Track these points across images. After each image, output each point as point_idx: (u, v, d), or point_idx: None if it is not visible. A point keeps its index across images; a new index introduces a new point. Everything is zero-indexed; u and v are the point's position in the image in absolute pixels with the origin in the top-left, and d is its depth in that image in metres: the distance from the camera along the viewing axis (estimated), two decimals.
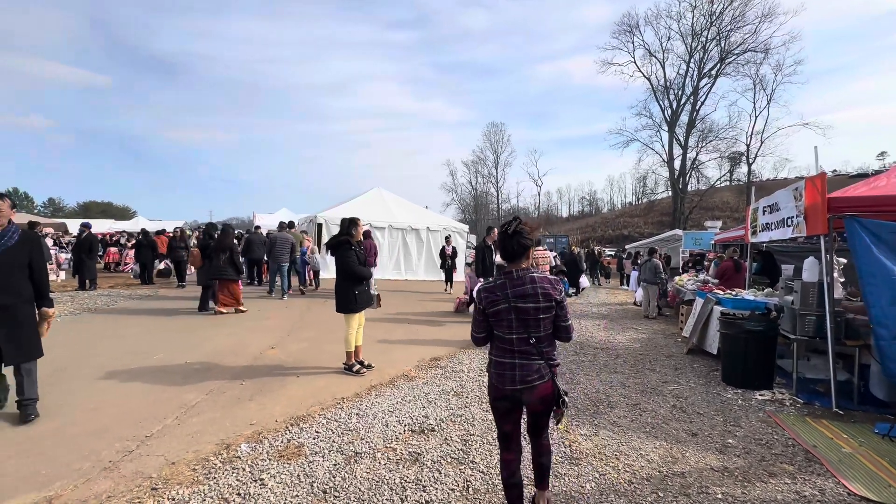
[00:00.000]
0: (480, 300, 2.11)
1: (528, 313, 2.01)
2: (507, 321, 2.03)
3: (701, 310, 6.43)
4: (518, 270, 2.07)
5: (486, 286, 2.12)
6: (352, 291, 4.49)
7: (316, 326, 6.88)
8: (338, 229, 4.76)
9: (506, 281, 2.06)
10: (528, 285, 2.03)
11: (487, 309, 2.07)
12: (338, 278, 4.58)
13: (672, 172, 38.34)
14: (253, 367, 4.74)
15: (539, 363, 2.05)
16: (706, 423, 3.67)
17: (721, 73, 35.83)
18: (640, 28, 37.37)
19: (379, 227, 15.09)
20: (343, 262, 4.46)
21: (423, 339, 6.29)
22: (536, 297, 2.01)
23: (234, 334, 6.17)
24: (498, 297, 2.04)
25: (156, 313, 7.61)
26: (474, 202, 69.16)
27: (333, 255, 4.54)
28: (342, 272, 4.50)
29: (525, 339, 2.04)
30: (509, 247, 2.08)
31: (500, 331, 2.07)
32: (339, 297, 4.54)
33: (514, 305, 2.01)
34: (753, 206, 6.64)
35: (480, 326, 2.14)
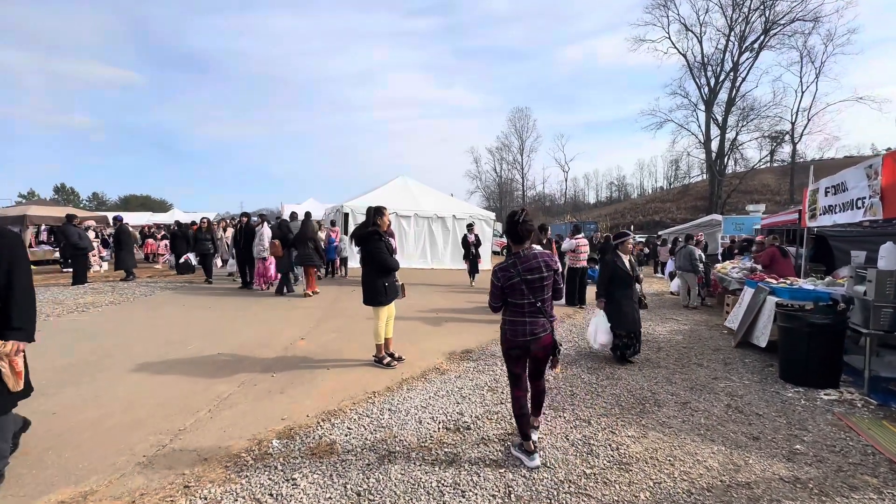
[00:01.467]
0: (498, 279, 2.69)
1: (535, 283, 2.64)
2: (520, 291, 2.64)
3: (751, 300, 5.98)
4: (524, 250, 2.68)
5: (501, 266, 2.72)
6: (381, 283, 4.35)
7: (345, 316, 6.82)
8: (364, 218, 4.61)
9: (516, 260, 2.66)
10: (534, 261, 2.64)
11: (504, 284, 2.66)
12: (366, 270, 4.43)
13: (709, 154, 36.41)
14: (283, 358, 4.70)
15: (543, 319, 2.69)
16: (768, 425, 3.35)
17: (764, 46, 33.45)
18: (675, 1, 35.31)
19: (404, 216, 14.99)
20: (374, 254, 4.32)
21: (453, 331, 6.13)
22: (541, 269, 2.64)
23: (264, 324, 6.19)
24: (511, 273, 2.64)
25: (190, 304, 7.76)
26: (499, 189, 68.14)
27: (360, 246, 4.39)
28: (374, 264, 4.34)
29: (533, 303, 2.66)
30: (521, 231, 2.68)
31: (514, 298, 2.67)
32: (367, 289, 4.41)
33: (525, 278, 2.62)
34: (812, 188, 6.06)
35: (498, 298, 2.75)
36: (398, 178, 17.16)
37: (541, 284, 2.64)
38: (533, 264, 2.62)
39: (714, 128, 36.32)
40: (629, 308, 4.88)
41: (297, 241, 8.57)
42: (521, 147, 64.77)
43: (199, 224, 10.93)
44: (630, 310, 4.88)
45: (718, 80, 35.40)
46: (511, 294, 2.64)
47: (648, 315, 7.95)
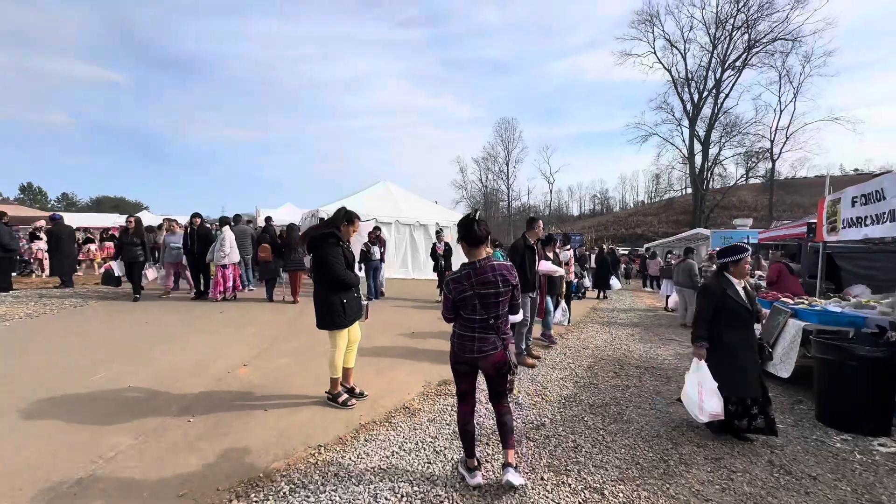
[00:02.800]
0: (450, 290, 2.44)
1: (489, 298, 2.38)
2: (472, 305, 2.39)
3: (766, 323, 5.30)
4: (480, 261, 2.40)
5: (454, 276, 2.43)
6: (338, 301, 3.41)
7: (306, 335, 5.87)
8: None
9: (470, 271, 2.38)
10: (490, 274, 2.37)
11: (456, 297, 2.42)
12: (318, 285, 3.49)
13: (692, 169, 36.72)
14: (212, 394, 3.74)
15: (494, 337, 2.43)
16: (830, 494, 2.58)
17: (747, 65, 34.09)
18: (660, 17, 35.80)
19: (385, 223, 14.10)
20: (325, 262, 3.33)
21: (431, 355, 5.25)
22: (497, 283, 2.37)
23: (204, 345, 5.19)
24: (464, 286, 2.38)
25: (122, 318, 6.68)
26: (484, 199, 67.88)
27: (311, 251, 3.45)
28: (324, 276, 3.40)
29: (485, 319, 2.40)
30: (477, 234, 2.39)
31: (466, 312, 2.42)
32: (319, 308, 3.44)
33: (478, 292, 2.36)
34: (832, 198, 5.46)
35: (450, 310, 2.51)
36: (380, 183, 16.32)
37: (496, 300, 2.39)
38: (489, 277, 2.36)
39: (697, 143, 36.71)
40: (748, 360, 3.33)
41: (285, 247, 8.22)
42: (507, 158, 64.84)
43: (126, 225, 7.93)
44: (749, 362, 3.33)
45: (702, 96, 35.92)
46: (462, 307, 2.42)
47: (647, 335, 7.24)
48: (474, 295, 2.35)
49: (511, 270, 2.44)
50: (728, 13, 33.03)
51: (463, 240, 2.45)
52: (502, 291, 2.38)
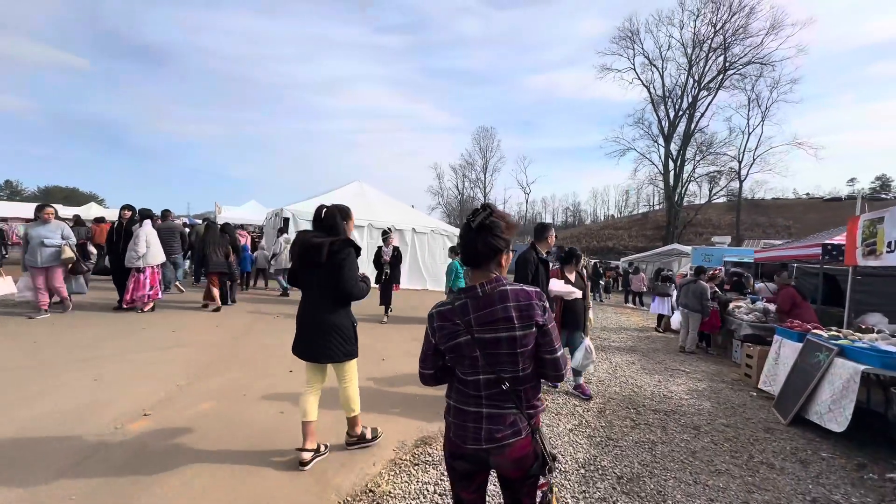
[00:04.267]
0: (433, 329, 1.47)
1: (499, 346, 1.38)
2: (471, 359, 1.41)
3: (801, 360, 4.54)
4: (486, 284, 1.42)
5: (439, 309, 1.48)
6: (351, 323, 2.76)
7: (246, 364, 4.67)
8: (308, 226, 3.11)
9: (467, 301, 1.42)
10: (499, 305, 1.39)
11: (441, 343, 1.45)
12: (325, 302, 2.66)
13: (668, 185, 37.29)
14: (85, 464, 2.53)
15: (514, 413, 1.42)
16: None
17: (721, 86, 35.00)
18: (640, 35, 36.39)
19: (357, 226, 12.93)
20: (346, 276, 2.62)
21: (406, 397, 4.17)
22: (510, 321, 1.38)
23: (97, 380, 3.91)
24: (457, 325, 1.41)
25: (8, 337, 5.27)
26: (460, 207, 67.35)
27: (312, 262, 2.59)
28: (341, 292, 2.63)
29: (495, 382, 1.41)
30: (472, 246, 1.43)
31: (461, 369, 1.45)
32: (332, 335, 2.64)
33: (480, 337, 1.39)
34: (869, 217, 4.80)
35: (429, 362, 1.53)
36: (354, 184, 15.14)
37: (511, 350, 1.39)
38: (498, 312, 1.38)
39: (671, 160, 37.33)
40: None
41: (205, 247, 7.43)
42: (485, 166, 64.72)
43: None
44: None
45: (678, 114, 36.61)
46: (456, 362, 1.46)
47: (651, 364, 6.41)
48: (473, 342, 1.39)
49: (537, 299, 1.43)
50: (705, 35, 33.95)
51: (462, 253, 1.50)
52: (520, 337, 1.38)
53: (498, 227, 1.42)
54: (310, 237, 2.63)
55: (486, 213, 1.43)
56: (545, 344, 1.44)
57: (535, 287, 1.47)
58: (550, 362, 1.45)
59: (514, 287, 1.43)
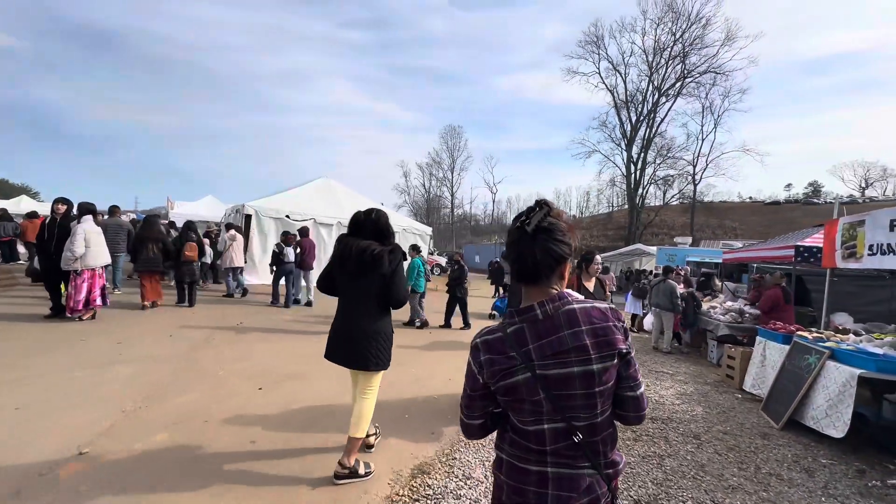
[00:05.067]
0: (479, 365, 1.10)
1: (570, 385, 1.03)
2: (532, 403, 1.05)
3: (789, 363, 4.54)
4: (547, 304, 1.07)
5: (486, 338, 1.12)
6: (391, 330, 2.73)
7: (209, 384, 4.11)
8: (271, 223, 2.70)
9: (523, 327, 1.07)
10: (567, 331, 1.04)
11: (493, 381, 1.08)
12: (364, 310, 2.59)
13: (629, 187, 38.63)
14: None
15: (590, 475, 1.07)
16: None
17: (680, 94, 36.62)
18: (604, 41, 37.41)
19: (326, 224, 12.30)
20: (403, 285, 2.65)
21: (396, 415, 3.78)
22: (584, 351, 1.03)
23: (37, 400, 3.26)
24: (511, 359, 1.06)
25: None
26: (427, 205, 66.98)
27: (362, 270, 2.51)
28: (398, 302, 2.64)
29: (564, 432, 1.05)
30: (529, 256, 1.07)
31: (519, 417, 1.09)
32: (376, 344, 2.58)
33: (544, 374, 1.03)
34: (849, 220, 4.89)
35: (476, 407, 1.16)
36: (321, 179, 14.43)
37: (586, 389, 1.04)
38: (563, 340, 1.04)
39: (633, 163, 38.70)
40: None
41: (136, 243, 7.07)
42: (453, 165, 64.64)
43: None
44: None
45: (639, 119, 37.95)
46: (512, 407, 1.09)
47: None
48: (534, 380, 1.04)
49: (614, 319, 1.10)
50: (665, 43, 35.40)
51: (511, 261, 1.14)
52: (598, 371, 1.04)
53: (559, 230, 1.09)
54: (365, 244, 2.51)
55: (544, 212, 1.09)
56: (628, 378, 1.11)
57: (606, 302, 1.15)
58: (633, 401, 1.12)
59: (584, 304, 1.09)
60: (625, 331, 1.10)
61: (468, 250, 39.50)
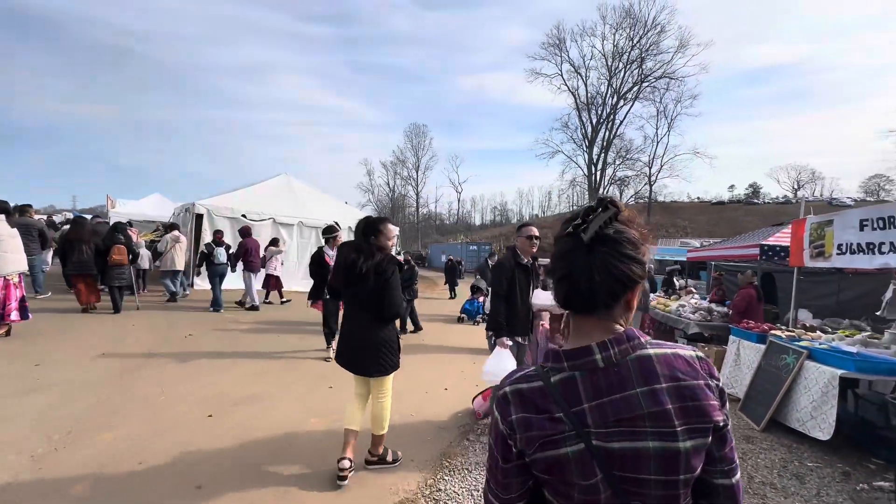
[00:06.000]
0: (509, 425, 0.77)
1: (641, 467, 0.70)
2: (585, 489, 0.71)
3: (766, 363, 4.54)
4: (612, 345, 0.75)
5: (519, 387, 0.79)
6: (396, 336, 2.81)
7: (147, 403, 3.53)
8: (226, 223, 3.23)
9: (574, 376, 0.76)
10: (641, 388, 0.72)
11: (529, 451, 0.75)
12: (366, 317, 2.67)
13: (591, 186, 39.75)
14: None
15: None
16: None
17: (637, 98, 38.06)
18: (566, 44, 38.23)
19: (286, 224, 11.57)
20: (396, 299, 2.66)
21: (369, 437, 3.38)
22: (667, 420, 0.70)
23: None
24: (558, 423, 0.73)
25: None
26: (392, 204, 66.08)
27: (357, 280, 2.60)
28: (391, 316, 2.70)
29: None
30: (585, 275, 0.75)
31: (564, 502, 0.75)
32: (388, 349, 2.69)
33: (604, 447, 0.71)
34: (817, 220, 4.98)
35: (514, 485, 0.80)
36: (280, 177, 13.64)
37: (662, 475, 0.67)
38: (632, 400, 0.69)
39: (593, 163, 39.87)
40: None
41: (65, 245, 6.78)
42: (417, 164, 64.09)
43: None
44: None
45: (600, 121, 39.10)
46: (557, 489, 0.72)
47: None
48: (589, 455, 0.71)
49: (705, 373, 0.76)
50: (623, 48, 36.65)
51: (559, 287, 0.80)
52: (685, 451, 0.70)
53: (628, 241, 0.77)
54: (352, 259, 2.59)
55: (610, 215, 0.77)
56: (722, 459, 0.77)
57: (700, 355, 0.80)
58: (726, 492, 0.78)
59: (663, 350, 0.77)
60: (721, 392, 0.78)
61: (434, 249, 39.19)
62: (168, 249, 8.50)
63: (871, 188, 53.30)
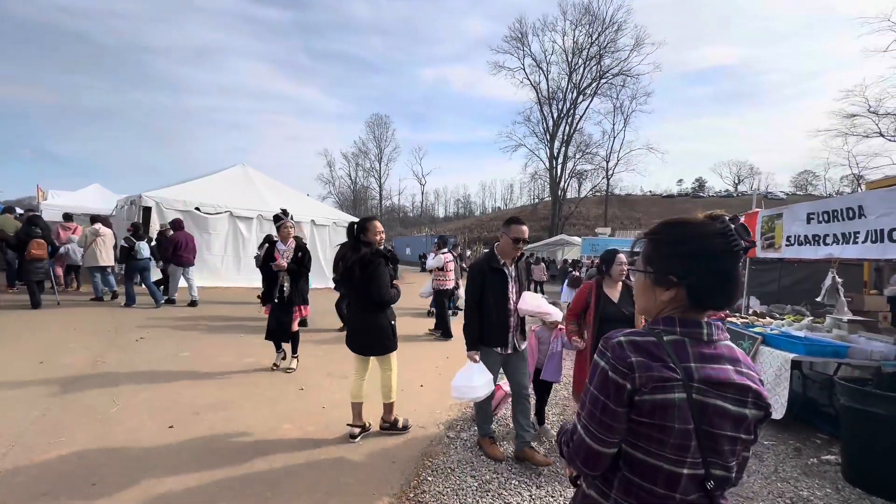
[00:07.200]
0: (627, 366, 0.89)
1: (723, 423, 0.88)
2: (680, 434, 0.87)
3: None
4: (714, 326, 0.94)
5: (634, 339, 0.92)
6: (390, 320, 3.18)
7: (100, 414, 3.22)
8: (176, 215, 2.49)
9: (685, 341, 0.92)
10: (730, 365, 0.92)
11: (644, 391, 0.87)
12: (363, 306, 3.10)
13: (553, 180, 40.71)
14: None
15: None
16: None
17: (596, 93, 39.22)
18: (528, 38, 38.65)
19: (244, 218, 10.99)
20: (380, 288, 3.05)
21: (343, 440, 3.27)
22: (745, 392, 0.90)
23: None
24: (672, 371, 0.88)
25: None
26: (354, 196, 64.74)
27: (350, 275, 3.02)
28: (377, 303, 3.07)
29: (699, 481, 0.89)
30: (729, 278, 0.92)
31: (655, 450, 0.89)
32: (382, 333, 3.12)
33: (702, 401, 0.88)
34: (767, 213, 5.31)
35: (617, 429, 0.91)
36: (237, 167, 12.95)
37: (734, 432, 0.88)
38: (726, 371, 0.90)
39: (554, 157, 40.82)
40: None
41: None
42: (380, 155, 63.07)
43: None
44: None
45: (561, 115, 39.99)
46: (650, 436, 0.88)
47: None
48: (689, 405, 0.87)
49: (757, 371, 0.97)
50: (583, 44, 37.52)
51: (699, 294, 0.94)
52: (751, 418, 0.91)
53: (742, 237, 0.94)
54: (341, 254, 3.07)
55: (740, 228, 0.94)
56: (755, 437, 0.94)
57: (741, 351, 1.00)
58: (744, 462, 0.98)
59: (733, 343, 0.98)
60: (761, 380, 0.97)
61: (398, 243, 38.85)
62: (89, 244, 7.90)
63: (800, 183, 58.11)
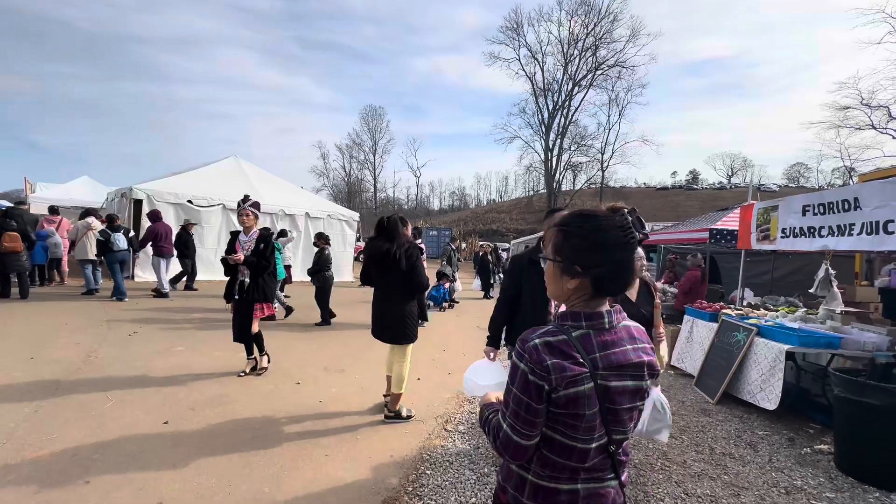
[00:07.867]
0: (544, 369, 0.95)
1: (622, 400, 1.01)
2: (587, 417, 0.97)
3: (718, 341, 4.85)
4: (613, 314, 1.05)
5: (547, 339, 0.99)
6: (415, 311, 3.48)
7: (94, 408, 3.18)
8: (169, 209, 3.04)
9: (590, 334, 1.01)
10: (629, 345, 1.04)
11: (559, 389, 0.95)
12: (396, 297, 3.34)
13: (548, 171, 40.68)
14: None
15: (613, 486, 1.06)
16: None
17: (591, 85, 39.06)
18: (523, 28, 38.32)
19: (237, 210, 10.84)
20: (422, 274, 3.37)
21: (343, 432, 3.25)
22: (640, 368, 1.03)
23: None
24: (580, 367, 0.97)
25: None
26: (348, 189, 64.28)
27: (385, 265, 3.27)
28: (420, 287, 3.41)
29: (603, 448, 1.02)
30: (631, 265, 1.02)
31: (569, 433, 0.99)
32: (400, 323, 3.33)
33: (605, 385, 0.98)
34: (763, 205, 5.32)
35: (538, 424, 0.99)
36: (229, 159, 12.81)
37: (631, 403, 1.03)
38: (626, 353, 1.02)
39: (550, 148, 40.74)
40: None
41: None
42: (374, 147, 62.57)
43: None
44: None
45: (556, 107, 39.83)
46: (564, 421, 0.98)
47: None
48: (594, 391, 0.97)
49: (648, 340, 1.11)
50: (578, 35, 37.29)
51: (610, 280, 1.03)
52: (643, 388, 1.05)
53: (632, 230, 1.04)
54: (384, 247, 3.23)
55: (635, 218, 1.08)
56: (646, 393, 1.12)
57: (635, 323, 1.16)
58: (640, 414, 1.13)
59: (631, 322, 1.10)
60: None
61: None
62: (80, 237, 7.85)
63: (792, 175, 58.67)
